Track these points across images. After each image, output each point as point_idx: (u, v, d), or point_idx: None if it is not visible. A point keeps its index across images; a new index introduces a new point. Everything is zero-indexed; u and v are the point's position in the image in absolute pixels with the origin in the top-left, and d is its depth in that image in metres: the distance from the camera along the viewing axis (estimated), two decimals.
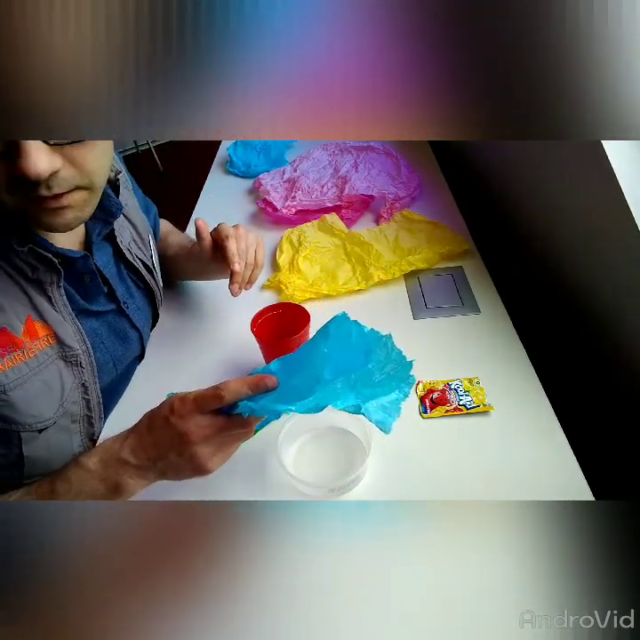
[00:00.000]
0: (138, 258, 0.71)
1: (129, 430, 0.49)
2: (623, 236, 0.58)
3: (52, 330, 0.55)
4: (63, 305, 0.56)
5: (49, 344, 0.55)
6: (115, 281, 0.66)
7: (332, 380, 0.45)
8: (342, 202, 1.01)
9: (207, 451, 0.46)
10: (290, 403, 0.44)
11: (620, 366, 0.67)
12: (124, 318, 0.68)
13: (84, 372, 0.59)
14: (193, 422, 0.45)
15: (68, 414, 0.57)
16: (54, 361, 0.55)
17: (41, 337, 0.54)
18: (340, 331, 0.49)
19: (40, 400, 0.53)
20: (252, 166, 1.22)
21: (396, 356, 0.48)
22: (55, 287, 0.55)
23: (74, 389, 0.58)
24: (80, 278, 0.60)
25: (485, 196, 1.07)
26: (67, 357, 0.57)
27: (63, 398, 0.56)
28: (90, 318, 0.62)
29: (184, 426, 0.45)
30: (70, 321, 0.57)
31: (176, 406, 0.45)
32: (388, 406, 0.45)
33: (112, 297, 0.66)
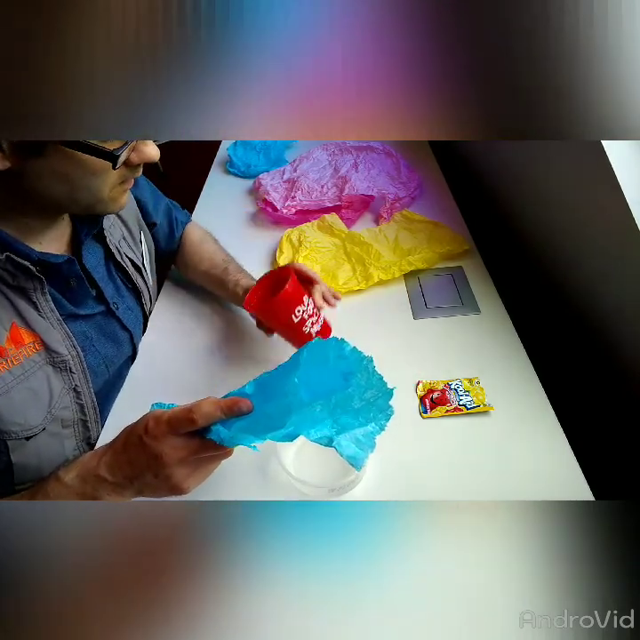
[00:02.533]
0: (127, 257, 0.70)
1: (107, 445, 0.48)
2: (623, 236, 0.58)
3: (38, 336, 0.54)
4: (50, 310, 0.56)
5: (35, 350, 0.54)
6: (104, 282, 0.65)
7: (311, 404, 0.44)
8: (342, 202, 1.01)
9: (183, 472, 0.45)
10: (261, 432, 0.42)
11: (620, 366, 0.67)
12: (114, 319, 0.67)
13: (74, 377, 0.58)
14: (167, 444, 0.44)
15: (57, 420, 0.56)
16: (42, 367, 0.55)
17: (26, 344, 0.53)
18: (315, 356, 0.47)
19: (26, 408, 0.53)
20: (252, 166, 1.22)
21: (376, 382, 0.46)
22: (40, 293, 0.54)
23: (63, 395, 0.57)
24: (66, 283, 0.59)
25: (485, 196, 1.06)
26: (55, 363, 0.56)
27: (52, 405, 0.55)
28: (79, 322, 0.61)
29: (158, 447, 0.44)
30: (58, 326, 0.56)
31: (150, 427, 0.44)
32: (362, 440, 0.44)
33: (101, 299, 0.65)
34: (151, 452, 0.44)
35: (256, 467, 0.59)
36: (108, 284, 0.66)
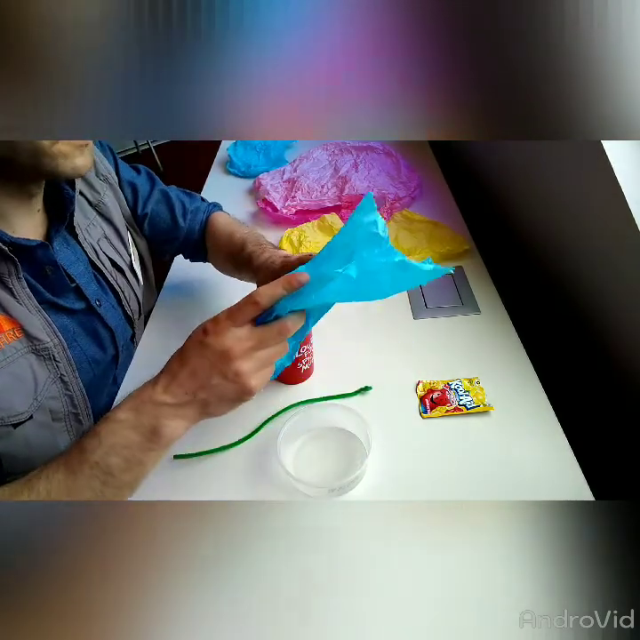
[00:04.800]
0: (107, 256, 0.69)
1: (155, 377, 0.46)
2: (623, 236, 0.58)
3: (17, 323, 0.53)
4: (27, 297, 0.55)
5: (16, 337, 0.53)
6: (84, 279, 0.64)
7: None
8: (342, 202, 1.01)
9: (249, 366, 0.44)
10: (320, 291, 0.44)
11: (620, 366, 0.67)
12: (95, 317, 0.66)
13: (59, 365, 0.57)
14: (231, 337, 0.43)
15: (45, 410, 0.56)
16: (24, 355, 0.54)
17: (5, 330, 0.52)
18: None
19: (10, 393, 0.52)
20: (252, 166, 1.22)
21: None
22: (15, 279, 0.54)
23: (50, 384, 0.56)
24: (41, 270, 0.58)
25: (485, 196, 1.07)
26: (37, 351, 0.55)
27: (37, 392, 0.55)
28: (60, 314, 0.60)
29: (223, 343, 0.42)
30: (37, 313, 0.56)
31: (210, 327, 0.43)
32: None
33: (81, 295, 0.64)
34: (215, 350, 0.43)
35: (256, 467, 0.59)
36: (90, 282, 0.65)
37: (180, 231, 0.83)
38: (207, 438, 0.62)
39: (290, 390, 0.68)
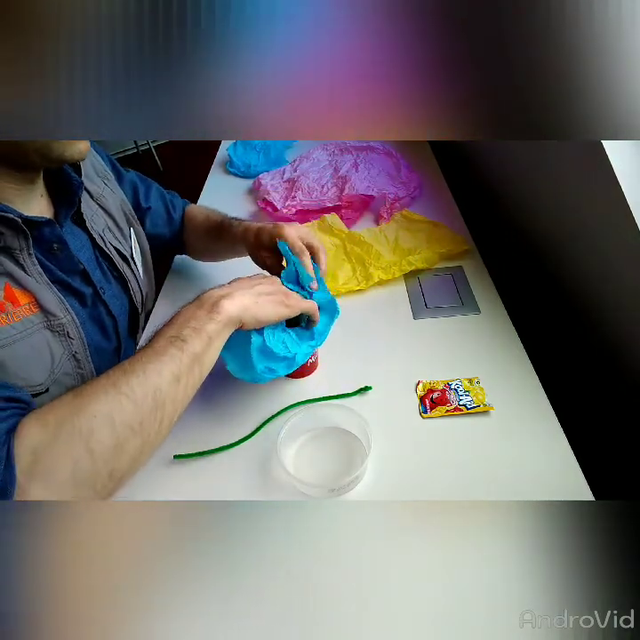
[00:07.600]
0: (112, 246, 0.70)
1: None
2: (623, 236, 0.58)
3: (33, 297, 0.54)
4: (38, 273, 0.55)
5: (32, 312, 0.54)
6: (90, 265, 0.65)
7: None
8: (342, 202, 1.01)
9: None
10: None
11: (620, 366, 0.67)
12: (101, 304, 0.67)
13: (73, 342, 0.58)
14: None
15: (61, 385, 0.56)
16: (40, 330, 0.54)
17: (22, 304, 0.53)
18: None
19: (29, 364, 0.53)
20: (252, 166, 1.22)
21: None
22: (26, 254, 0.54)
23: (65, 360, 0.57)
24: (50, 248, 0.59)
25: (485, 196, 1.07)
26: (53, 327, 0.56)
27: (53, 366, 0.55)
28: (70, 297, 0.61)
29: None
30: (49, 289, 0.56)
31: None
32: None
33: (88, 280, 0.65)
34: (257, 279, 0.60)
35: (256, 467, 0.59)
36: (94, 268, 0.66)
37: (174, 224, 0.88)
38: (207, 438, 0.62)
39: (290, 390, 0.68)
